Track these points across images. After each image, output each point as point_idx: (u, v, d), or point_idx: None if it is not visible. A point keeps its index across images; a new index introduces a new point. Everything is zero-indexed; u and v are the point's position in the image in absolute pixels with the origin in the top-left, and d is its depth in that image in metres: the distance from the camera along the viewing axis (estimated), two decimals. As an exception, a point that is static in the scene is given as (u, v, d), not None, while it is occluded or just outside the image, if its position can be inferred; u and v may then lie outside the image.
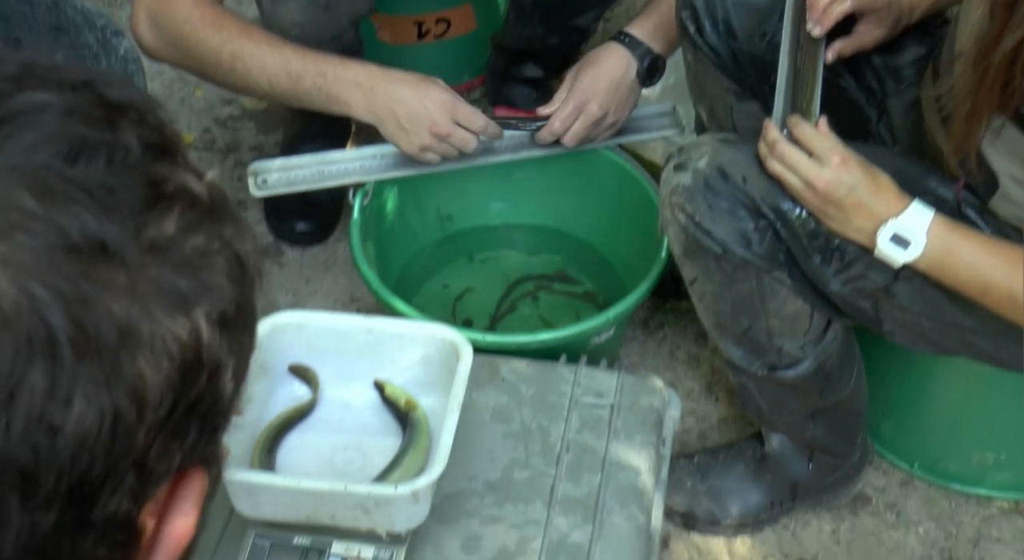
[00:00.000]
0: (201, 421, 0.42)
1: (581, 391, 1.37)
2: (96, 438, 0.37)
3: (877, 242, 1.13)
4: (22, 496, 0.36)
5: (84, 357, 0.37)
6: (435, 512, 1.18)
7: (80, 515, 0.38)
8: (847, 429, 1.48)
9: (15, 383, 0.36)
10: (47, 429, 0.36)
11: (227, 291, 0.42)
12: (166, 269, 0.40)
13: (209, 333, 0.41)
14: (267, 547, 1.15)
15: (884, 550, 1.52)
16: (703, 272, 1.28)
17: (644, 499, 1.27)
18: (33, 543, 0.37)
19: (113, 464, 0.38)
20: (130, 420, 0.38)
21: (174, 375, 0.39)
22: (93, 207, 0.38)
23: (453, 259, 1.84)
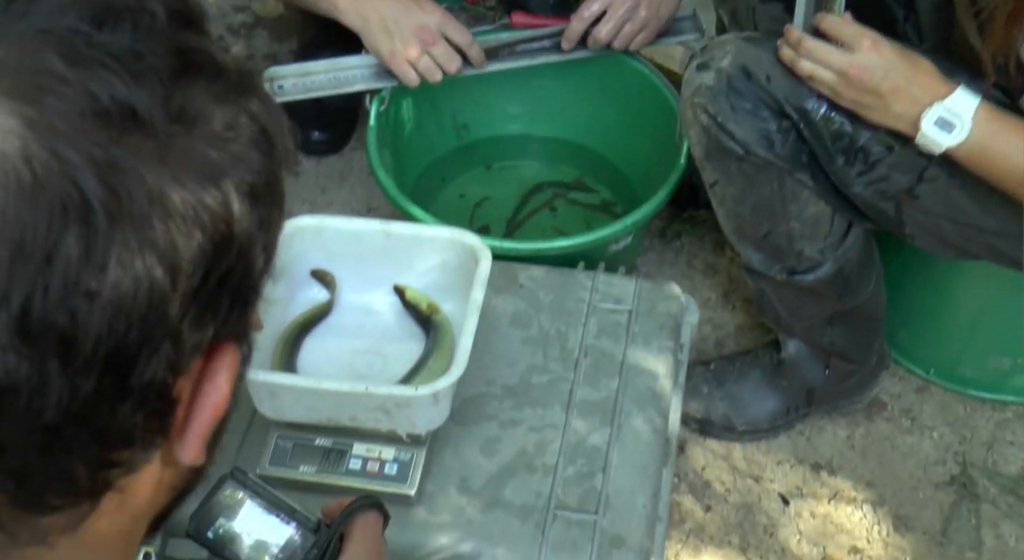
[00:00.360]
0: (233, 294, 0.42)
1: (599, 297, 1.37)
2: (132, 305, 0.37)
3: (921, 126, 1.11)
4: (61, 360, 0.37)
5: (117, 223, 0.37)
6: (454, 415, 1.20)
7: (118, 381, 0.39)
8: (864, 334, 1.48)
9: (51, 247, 0.36)
10: (84, 294, 0.36)
11: (256, 164, 0.42)
12: (195, 139, 0.40)
13: (239, 205, 0.41)
14: (289, 448, 1.16)
15: (898, 454, 1.53)
16: (724, 175, 1.27)
17: (661, 403, 1.28)
18: (74, 407, 0.38)
19: (149, 332, 0.38)
20: (164, 288, 0.38)
21: (206, 245, 0.39)
22: (122, 72, 0.38)
23: (470, 168, 1.83)
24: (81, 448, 0.39)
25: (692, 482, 1.50)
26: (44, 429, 0.38)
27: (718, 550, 1.43)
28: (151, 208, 0.38)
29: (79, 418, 0.38)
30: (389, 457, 1.16)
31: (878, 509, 1.47)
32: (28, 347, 0.36)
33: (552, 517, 1.16)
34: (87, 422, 0.39)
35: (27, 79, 0.37)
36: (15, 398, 0.37)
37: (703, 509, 1.47)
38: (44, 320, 0.36)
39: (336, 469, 1.15)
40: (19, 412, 0.37)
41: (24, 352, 0.36)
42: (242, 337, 0.45)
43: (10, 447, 0.38)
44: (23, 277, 0.36)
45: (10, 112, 0.36)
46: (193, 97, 0.40)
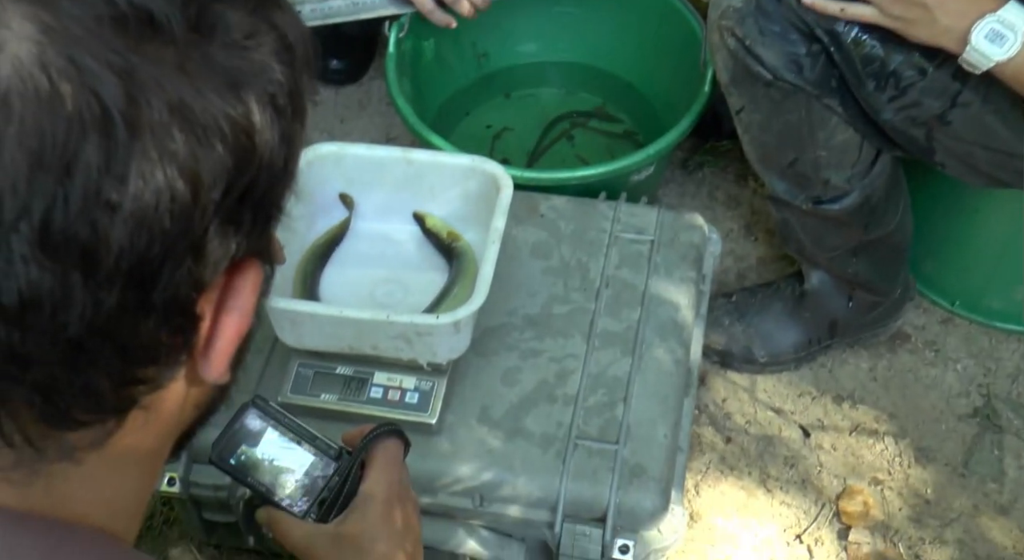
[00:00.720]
0: (255, 209, 0.41)
1: (621, 227, 1.36)
2: (154, 217, 0.37)
3: (971, 39, 1.06)
4: (84, 273, 0.36)
5: (137, 133, 0.36)
6: (475, 345, 1.19)
7: (141, 296, 0.38)
8: (889, 265, 1.46)
9: (71, 156, 0.35)
10: (105, 206, 0.36)
11: (277, 74, 0.41)
12: (215, 47, 0.39)
13: (261, 116, 0.40)
14: (310, 376, 1.16)
15: (921, 387, 1.52)
16: (751, 100, 1.24)
17: (683, 333, 1.28)
18: (97, 322, 0.37)
19: (171, 245, 0.38)
20: (185, 200, 0.38)
21: (227, 157, 0.39)
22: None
23: (490, 98, 1.81)
24: (105, 363, 0.39)
25: (712, 414, 1.50)
26: (68, 343, 0.38)
27: (738, 481, 1.43)
28: (171, 118, 0.37)
29: (102, 332, 0.38)
30: (410, 386, 1.16)
31: (900, 441, 1.47)
32: (50, 259, 0.36)
33: (573, 447, 1.15)
34: (110, 337, 0.38)
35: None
36: (38, 311, 0.36)
37: (723, 440, 1.47)
38: (66, 232, 0.36)
39: (357, 397, 1.16)
40: (43, 325, 0.37)
41: (46, 265, 0.36)
42: (265, 254, 0.45)
43: (35, 360, 0.38)
44: (43, 187, 0.35)
45: (25, 16, 0.35)
46: (212, 4, 0.39)
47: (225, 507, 1.18)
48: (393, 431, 0.84)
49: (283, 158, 0.42)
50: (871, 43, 1.14)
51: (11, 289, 0.36)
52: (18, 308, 0.36)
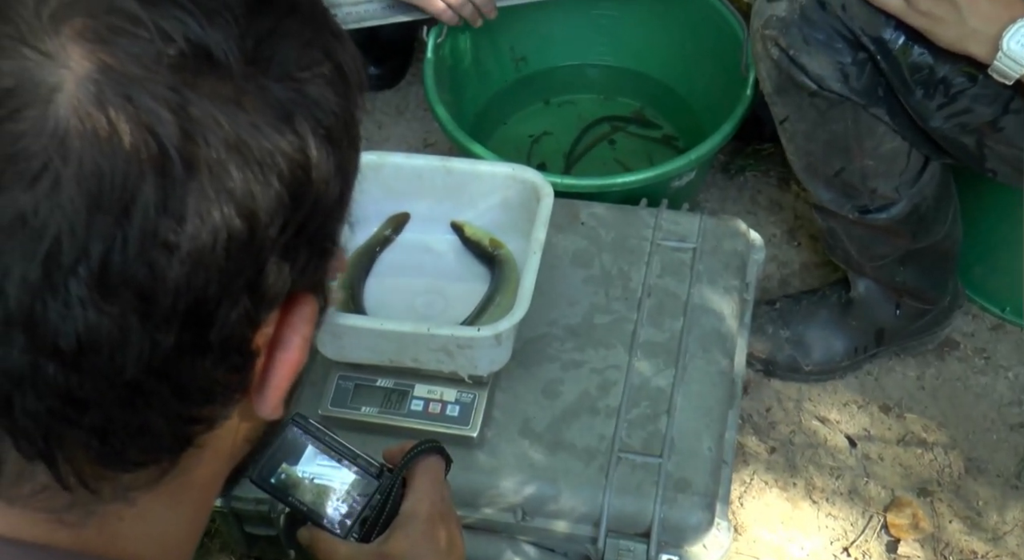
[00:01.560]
0: (310, 244, 0.41)
1: (662, 235, 1.34)
2: (211, 256, 0.36)
3: (1003, 44, 1.03)
4: (141, 315, 0.36)
5: (194, 171, 0.36)
6: (516, 356, 1.18)
7: (198, 336, 0.38)
8: (938, 273, 1.43)
9: (129, 197, 0.35)
10: (162, 246, 0.36)
11: (332, 105, 0.40)
12: (271, 81, 0.38)
13: (317, 150, 0.39)
14: (351, 389, 1.16)
15: (971, 395, 1.49)
16: (795, 110, 1.22)
17: (727, 344, 1.25)
18: (154, 363, 0.37)
19: (227, 284, 0.37)
20: (242, 238, 0.37)
21: (284, 193, 0.38)
22: (195, 11, 0.36)
23: (528, 102, 1.79)
24: (162, 403, 0.39)
25: (757, 423, 1.47)
26: (125, 385, 0.37)
27: (783, 492, 1.41)
28: (228, 155, 0.36)
29: (160, 373, 0.38)
30: (451, 399, 1.15)
31: (949, 452, 1.44)
32: (108, 302, 0.35)
33: (616, 460, 1.14)
34: (168, 377, 0.38)
35: (100, 19, 0.35)
36: (96, 354, 0.36)
37: (768, 451, 1.45)
38: (124, 274, 0.35)
39: (398, 410, 1.15)
40: (100, 368, 0.36)
41: (104, 307, 0.35)
42: (319, 288, 0.44)
43: (92, 403, 0.37)
44: (101, 229, 0.35)
45: (84, 55, 0.35)
46: (267, 35, 0.38)
47: (266, 520, 1.18)
48: (435, 448, 0.83)
49: (338, 190, 0.41)
50: (919, 50, 1.11)
51: (69, 333, 0.35)
52: (76, 351, 0.36)
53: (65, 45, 0.35)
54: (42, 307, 0.35)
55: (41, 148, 0.34)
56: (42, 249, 0.34)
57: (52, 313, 0.35)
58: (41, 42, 0.35)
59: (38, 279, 0.35)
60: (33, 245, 0.34)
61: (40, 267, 0.35)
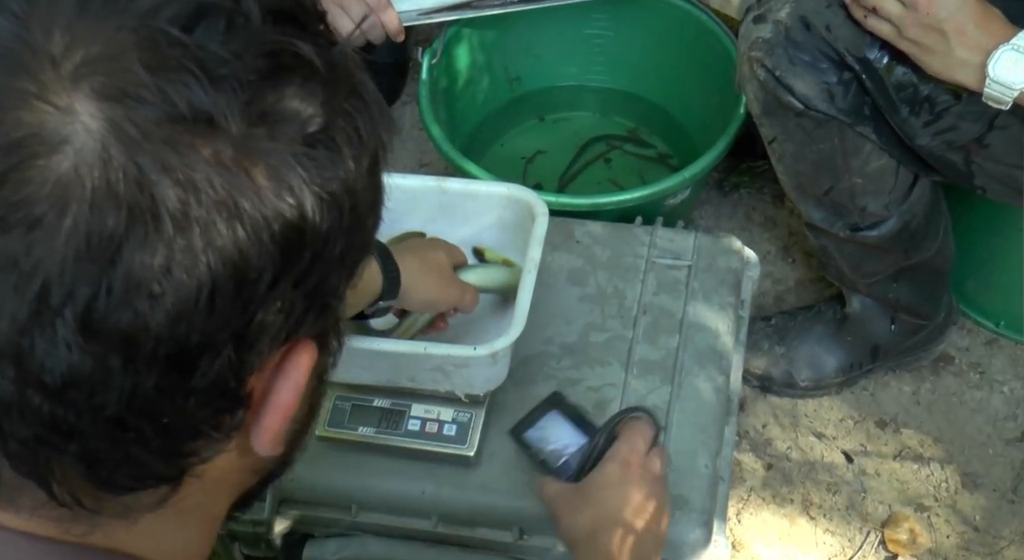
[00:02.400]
0: (307, 298, 0.42)
1: (657, 253, 1.34)
2: (194, 309, 0.38)
3: (989, 70, 1.04)
4: (123, 358, 0.38)
5: (185, 229, 0.37)
6: (513, 375, 1.18)
7: (180, 381, 0.39)
8: (931, 289, 1.44)
9: (116, 249, 0.36)
10: (148, 296, 0.37)
11: (339, 167, 0.41)
12: (278, 143, 0.39)
13: (315, 212, 0.40)
14: (348, 409, 1.16)
15: (967, 410, 1.49)
16: (783, 131, 1.23)
17: (723, 361, 1.26)
18: (135, 403, 0.39)
19: (211, 335, 0.39)
20: (228, 292, 0.39)
21: (274, 251, 0.39)
22: (203, 77, 0.38)
23: (523, 121, 1.81)
24: (145, 438, 0.40)
25: (753, 439, 1.48)
26: (107, 420, 0.39)
27: (780, 509, 1.41)
28: (220, 215, 0.38)
29: (142, 412, 0.39)
30: (448, 418, 1.15)
31: (946, 466, 1.44)
32: (91, 344, 0.37)
33: (613, 478, 1.14)
34: (150, 416, 0.40)
35: (115, 79, 0.37)
36: (79, 390, 0.38)
37: (765, 467, 1.45)
38: (107, 319, 0.37)
39: (395, 430, 1.15)
40: (82, 404, 0.38)
41: (87, 348, 0.37)
42: (325, 337, 0.45)
43: (77, 434, 0.39)
44: (88, 276, 0.36)
45: (96, 111, 0.37)
46: (278, 99, 0.39)
47: (263, 542, 1.18)
48: (642, 413, 1.03)
49: (340, 250, 0.42)
50: (903, 69, 1.12)
51: (54, 369, 0.37)
52: (60, 386, 0.38)
53: (81, 101, 0.37)
54: (30, 343, 0.37)
55: (44, 197, 0.36)
56: (32, 290, 0.36)
57: (39, 349, 0.37)
58: (58, 97, 0.37)
59: (26, 317, 0.37)
60: (23, 285, 0.36)
61: (28, 306, 0.37)
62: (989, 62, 1.04)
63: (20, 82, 0.37)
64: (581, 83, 1.81)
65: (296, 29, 0.41)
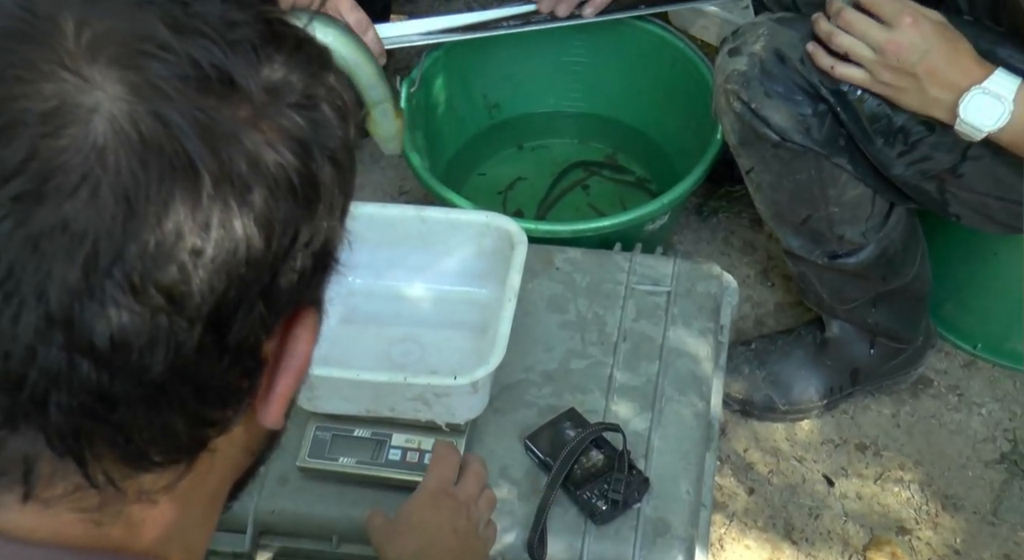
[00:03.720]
0: (315, 257, 0.44)
1: (637, 279, 1.35)
2: (232, 263, 0.40)
3: (959, 112, 1.07)
4: (169, 317, 0.39)
5: (220, 185, 0.39)
6: (493, 403, 1.18)
7: (217, 338, 0.41)
8: (910, 313, 1.45)
9: (161, 205, 0.38)
10: (191, 252, 0.39)
11: (336, 131, 0.44)
12: (283, 106, 0.42)
13: (324, 170, 0.43)
14: (328, 439, 1.16)
15: (946, 432, 1.50)
16: (760, 161, 1.24)
17: (703, 386, 1.26)
18: (178, 363, 0.40)
19: (246, 290, 0.41)
20: (260, 249, 0.40)
21: (296, 208, 0.42)
22: (219, 40, 0.40)
23: (502, 148, 1.81)
24: (182, 404, 0.42)
25: (735, 464, 1.48)
26: (151, 383, 0.40)
27: (762, 533, 1.41)
28: (249, 171, 0.40)
29: (182, 374, 0.41)
30: (429, 447, 1.15)
31: (926, 489, 1.45)
32: (140, 303, 0.38)
33: (595, 505, 1.14)
34: (189, 378, 0.41)
35: (132, 47, 0.39)
36: (127, 353, 0.39)
37: (746, 492, 1.45)
38: (154, 276, 0.38)
39: (375, 460, 1.15)
40: (130, 367, 0.39)
41: (136, 308, 0.38)
42: (320, 302, 0.47)
43: (120, 400, 0.40)
44: (135, 234, 0.38)
45: (117, 79, 0.38)
46: (279, 65, 0.42)
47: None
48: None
49: (341, 208, 0.45)
50: (876, 101, 1.14)
51: (103, 332, 0.38)
52: (108, 350, 0.39)
53: (101, 70, 0.38)
54: (80, 308, 0.38)
55: (80, 161, 0.37)
56: (81, 253, 0.38)
57: (88, 313, 0.38)
58: (79, 67, 0.38)
59: (77, 281, 0.38)
60: (73, 250, 0.37)
61: (80, 270, 0.38)
62: (960, 103, 1.06)
63: (39, 54, 0.38)
64: (560, 109, 1.82)
65: (275, 3, 0.44)
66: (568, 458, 1.12)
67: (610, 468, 1.13)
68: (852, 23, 1.10)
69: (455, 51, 1.65)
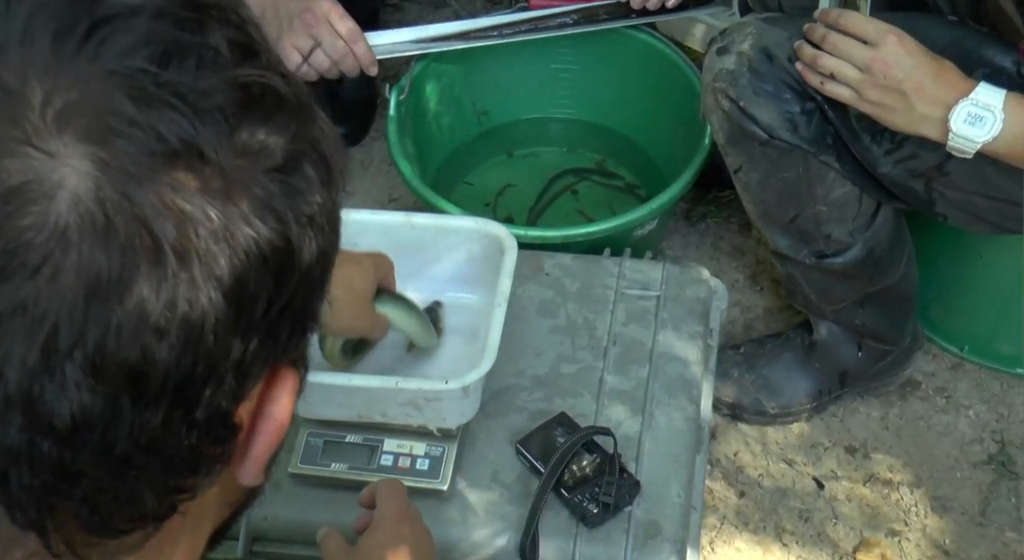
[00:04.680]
0: (292, 322, 0.42)
1: (626, 283, 1.36)
2: (199, 339, 0.38)
3: (951, 125, 1.07)
4: (132, 395, 0.38)
5: (185, 262, 0.38)
6: (485, 408, 1.19)
7: (185, 413, 0.40)
8: (897, 315, 1.46)
9: (124, 287, 0.37)
10: (154, 331, 0.37)
11: (316, 196, 0.42)
12: (258, 173, 0.40)
13: (300, 237, 0.41)
14: (320, 445, 1.16)
15: (934, 434, 1.51)
16: (748, 160, 1.25)
17: (693, 390, 1.27)
18: (143, 438, 0.39)
19: (214, 364, 0.39)
20: (229, 322, 0.39)
21: (268, 277, 0.40)
22: (188, 112, 0.38)
23: (491, 155, 1.82)
24: (150, 475, 0.41)
25: (725, 467, 1.48)
26: (116, 458, 0.39)
27: (753, 536, 1.42)
28: (217, 245, 0.38)
29: (148, 448, 0.39)
30: (420, 452, 1.16)
31: (915, 490, 1.45)
32: (101, 384, 0.37)
33: (586, 509, 1.14)
34: (156, 451, 0.40)
35: (99, 121, 0.37)
36: (89, 431, 0.38)
37: (737, 495, 1.46)
38: (116, 357, 0.37)
39: (367, 466, 1.15)
40: (92, 445, 0.38)
41: (98, 389, 0.37)
42: (300, 361, 0.46)
43: (84, 476, 0.39)
44: (97, 316, 0.37)
45: (83, 154, 0.37)
46: (256, 130, 0.40)
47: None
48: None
49: (319, 272, 0.43)
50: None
51: (64, 413, 0.37)
52: (70, 429, 0.38)
53: (67, 145, 0.37)
54: (39, 389, 0.37)
55: (43, 241, 0.36)
56: (41, 334, 0.36)
57: (48, 394, 0.37)
58: (45, 143, 0.37)
59: (36, 363, 0.37)
60: (33, 331, 0.36)
61: (39, 352, 0.36)
62: (951, 117, 1.07)
63: (5, 129, 0.37)
64: (548, 116, 1.83)
65: (258, 62, 0.42)
66: (559, 462, 1.13)
67: (601, 472, 1.13)
68: (837, 45, 1.11)
69: (444, 58, 1.66)
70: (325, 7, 1.44)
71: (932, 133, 1.10)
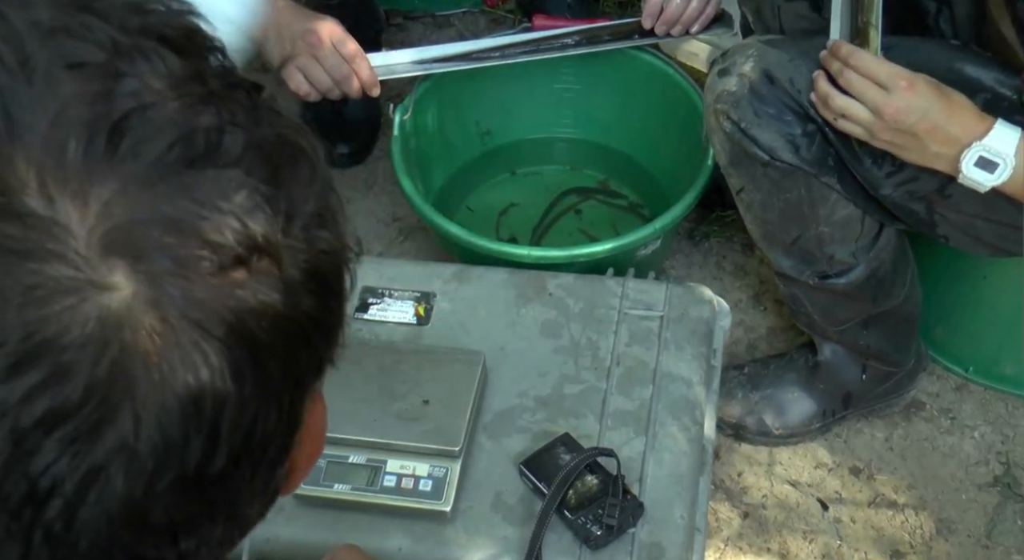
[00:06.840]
0: (320, 362, 0.44)
1: (629, 303, 1.35)
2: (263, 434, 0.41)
3: (961, 167, 1.06)
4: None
5: (261, 378, 0.40)
6: (487, 429, 1.18)
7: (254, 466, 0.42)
8: (901, 336, 1.46)
9: (217, 412, 0.39)
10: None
11: (350, 254, 0.45)
12: (308, 252, 0.42)
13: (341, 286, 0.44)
14: (323, 466, 1.15)
15: (939, 455, 1.51)
16: (750, 181, 1.25)
17: (696, 411, 1.27)
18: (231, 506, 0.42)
19: (285, 441, 0.44)
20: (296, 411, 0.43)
21: (307, 330, 0.42)
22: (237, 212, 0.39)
23: (495, 174, 1.82)
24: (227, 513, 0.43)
25: (729, 489, 1.48)
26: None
27: (757, 558, 1.41)
28: (275, 323, 0.40)
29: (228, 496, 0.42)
30: (423, 473, 1.15)
31: (920, 512, 1.45)
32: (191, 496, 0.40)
33: (589, 530, 1.14)
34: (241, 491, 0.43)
35: (146, 242, 0.37)
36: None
37: (741, 516, 1.45)
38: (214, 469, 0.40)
39: (370, 487, 1.14)
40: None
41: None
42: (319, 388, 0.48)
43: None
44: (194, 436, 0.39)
45: (140, 278, 0.37)
46: (301, 202, 0.42)
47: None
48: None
49: (337, 318, 0.45)
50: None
51: None
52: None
53: (118, 273, 0.36)
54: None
55: (142, 372, 0.37)
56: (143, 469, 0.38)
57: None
58: (98, 274, 0.36)
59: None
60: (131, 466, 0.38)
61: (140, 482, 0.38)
62: (962, 159, 1.06)
63: (56, 270, 0.35)
64: (552, 135, 1.83)
65: (278, 117, 0.44)
66: (562, 483, 1.12)
67: (604, 493, 1.13)
68: (852, 83, 1.10)
69: (447, 79, 1.66)
70: (328, 28, 1.45)
71: (945, 168, 1.09)
